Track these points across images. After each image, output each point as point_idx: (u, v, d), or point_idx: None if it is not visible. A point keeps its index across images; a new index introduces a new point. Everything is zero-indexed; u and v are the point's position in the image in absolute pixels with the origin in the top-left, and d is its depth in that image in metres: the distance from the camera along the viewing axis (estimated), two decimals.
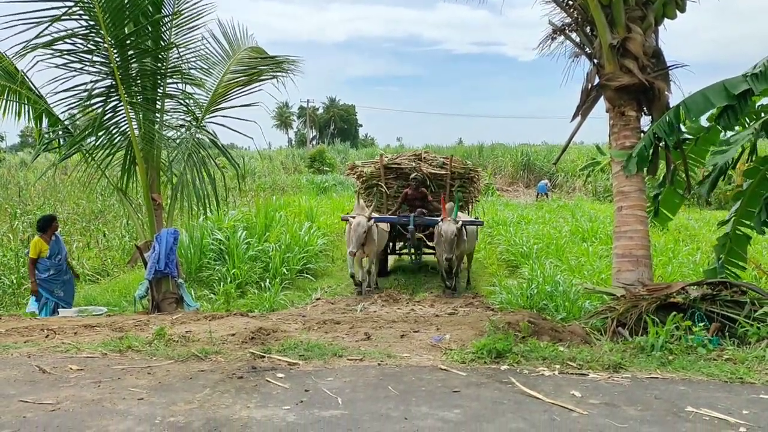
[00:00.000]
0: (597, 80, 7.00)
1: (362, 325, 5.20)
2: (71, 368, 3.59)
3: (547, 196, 27.76)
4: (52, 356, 3.91)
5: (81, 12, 7.53)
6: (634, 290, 5.66)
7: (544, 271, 10.40)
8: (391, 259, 12.94)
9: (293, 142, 67.66)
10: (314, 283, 11.68)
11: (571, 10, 7.31)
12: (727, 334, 4.79)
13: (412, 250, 11.36)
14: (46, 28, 7.20)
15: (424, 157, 11.92)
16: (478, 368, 3.67)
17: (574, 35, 7.38)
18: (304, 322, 5.43)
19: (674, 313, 4.78)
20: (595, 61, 7.02)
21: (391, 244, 11.92)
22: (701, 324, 4.56)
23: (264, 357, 3.84)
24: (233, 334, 4.66)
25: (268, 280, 10.91)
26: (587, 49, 7.18)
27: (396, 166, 11.62)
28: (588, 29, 7.20)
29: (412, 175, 11.13)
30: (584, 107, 7.16)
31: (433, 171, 11.45)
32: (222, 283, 10.96)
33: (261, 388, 3.22)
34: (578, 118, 7.27)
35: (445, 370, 3.62)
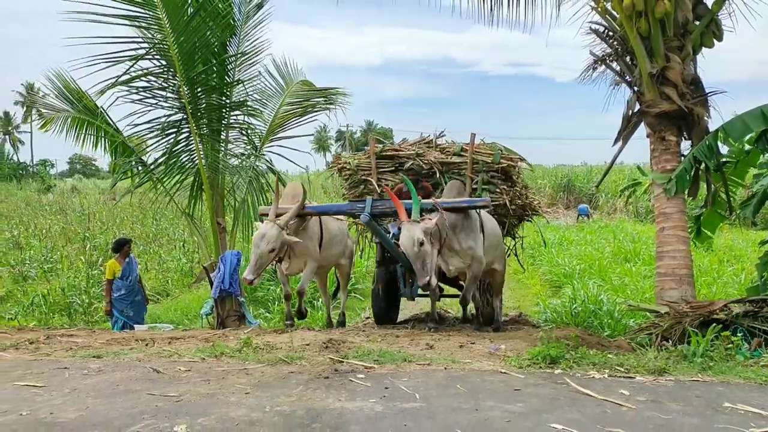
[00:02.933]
0: (637, 107, 7.42)
1: (422, 337, 5.67)
2: (180, 369, 4.15)
3: (588, 218, 27.84)
4: (158, 360, 4.49)
5: (157, 53, 8.32)
6: (677, 307, 5.98)
7: (587, 290, 10.70)
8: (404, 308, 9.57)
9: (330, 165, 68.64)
10: (363, 303, 12.19)
11: (612, 41, 7.76)
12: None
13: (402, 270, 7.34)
14: (130, 67, 8.01)
15: (436, 143, 8.29)
16: (534, 372, 4.11)
17: (614, 65, 7.82)
18: (367, 335, 5.92)
19: (714, 324, 5.11)
20: (636, 88, 7.44)
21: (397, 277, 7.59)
22: (740, 335, 4.89)
23: (343, 362, 4.34)
24: (308, 344, 5.18)
25: (320, 300, 11.46)
26: (628, 77, 7.61)
27: (393, 153, 8.05)
28: (628, 59, 7.64)
29: (407, 164, 7.81)
30: (625, 132, 7.58)
31: (445, 159, 7.89)
32: (277, 303, 11.57)
33: (347, 386, 3.71)
34: (619, 143, 7.68)
35: (504, 373, 4.07)
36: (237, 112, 9.17)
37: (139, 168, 9.06)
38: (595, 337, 5.92)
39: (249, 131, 9.46)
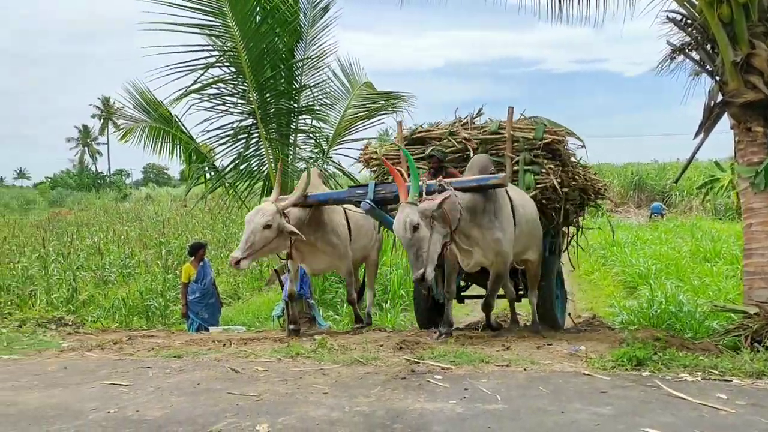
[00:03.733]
0: (720, 97, 7.04)
1: (496, 339, 5.54)
2: (258, 369, 4.19)
3: (662, 216, 26.79)
4: (236, 360, 4.55)
5: (228, 61, 8.52)
6: None
7: (665, 291, 10.25)
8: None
9: None
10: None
11: (691, 29, 7.39)
12: None
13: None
14: (201, 75, 8.24)
15: (473, 122, 7.29)
16: (620, 374, 3.93)
17: (694, 54, 7.45)
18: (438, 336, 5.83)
19: None
20: (718, 78, 7.05)
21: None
22: None
23: (419, 362, 4.28)
24: (381, 345, 5.15)
25: (388, 302, 11.46)
26: (708, 66, 7.23)
27: (424, 136, 7.18)
28: (709, 47, 7.26)
29: (429, 150, 6.65)
30: (707, 124, 7.19)
31: (479, 137, 6.92)
32: (346, 305, 11.63)
33: (425, 387, 3.65)
34: (701, 136, 7.31)
35: (589, 375, 3.91)
36: (304, 116, 9.29)
37: (212, 174, 9.31)
38: (678, 339, 5.63)
39: (316, 134, 9.58)
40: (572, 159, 7.20)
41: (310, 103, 9.22)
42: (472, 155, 6.65)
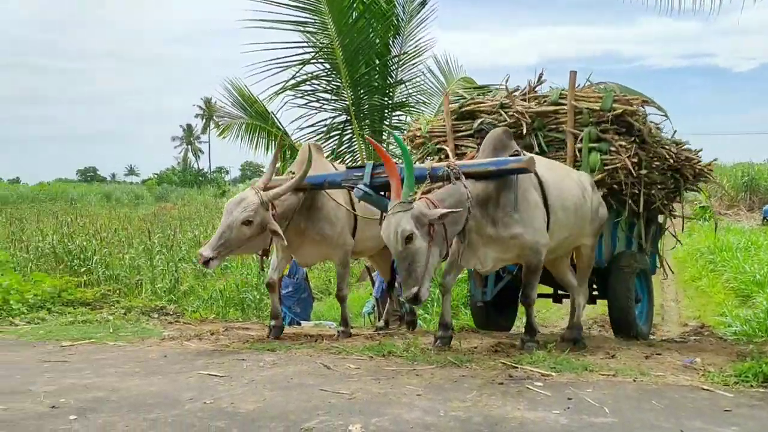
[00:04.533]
0: None
1: (599, 346, 5.22)
2: (350, 367, 4.12)
3: None
4: (328, 356, 4.51)
5: (323, 57, 8.58)
6: None
7: None
8: None
9: None
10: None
11: None
12: None
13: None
14: (297, 72, 8.34)
15: (533, 91, 6.33)
16: (745, 391, 3.55)
17: None
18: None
19: None
20: None
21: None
22: None
23: (516, 368, 4.06)
24: (475, 347, 4.97)
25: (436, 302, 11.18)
26: None
27: (474, 109, 6.20)
28: None
29: (477, 123, 5.90)
30: None
31: (534, 109, 5.95)
32: (435, 304, 11.46)
33: (524, 394, 3.44)
34: None
35: (708, 390, 3.56)
36: (398, 112, 9.23)
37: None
38: None
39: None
40: (654, 133, 6.03)
41: (404, 99, 9.14)
42: (526, 131, 5.85)
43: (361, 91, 8.81)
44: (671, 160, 6.15)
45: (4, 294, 6.50)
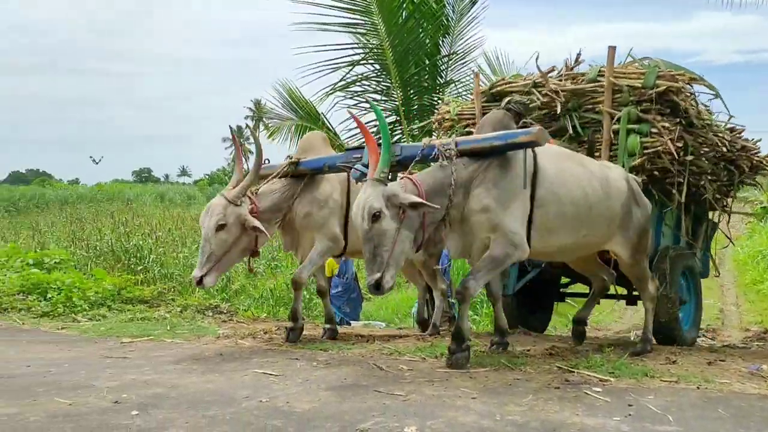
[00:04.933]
0: None
1: (661, 350, 5.07)
2: (402, 368, 4.11)
3: None
4: (380, 357, 4.51)
5: (372, 58, 8.61)
6: None
7: None
8: None
9: None
10: (575, 310, 11.48)
11: None
12: None
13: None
14: (347, 73, 8.40)
15: (570, 69, 5.96)
16: None
17: None
18: (592, 343, 5.45)
19: None
20: None
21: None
22: None
23: (573, 372, 3.98)
24: (528, 350, 4.89)
25: (485, 305, 11.01)
26: None
27: (506, 89, 5.83)
28: None
29: (506, 101, 5.04)
30: None
31: (568, 88, 5.56)
32: (485, 305, 11.35)
33: (582, 399, 3.36)
34: None
35: None
36: None
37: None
38: None
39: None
40: (703, 116, 5.54)
41: (454, 99, 9.08)
42: (559, 112, 5.43)
43: (411, 92, 8.82)
44: (724, 149, 5.65)
45: (67, 291, 6.74)
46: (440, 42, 8.81)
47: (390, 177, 4.02)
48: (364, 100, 9.02)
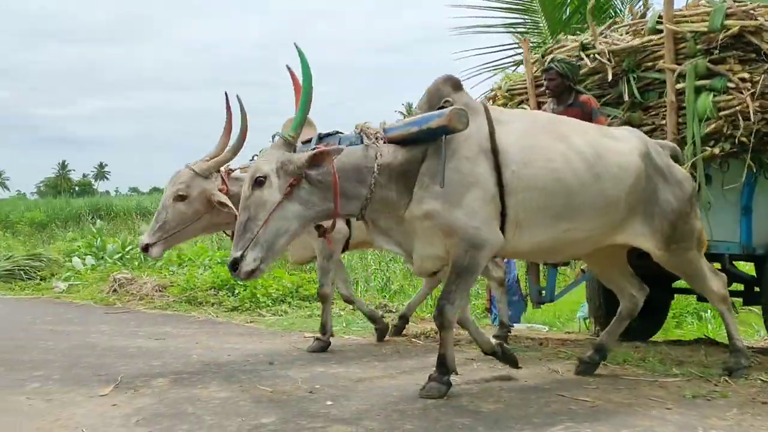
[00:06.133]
0: None
1: None
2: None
3: None
4: (557, 361, 4.44)
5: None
6: None
7: None
8: None
9: None
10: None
11: None
12: None
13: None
14: (514, 71, 8.29)
15: (634, 23, 5.04)
16: None
17: None
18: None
19: None
20: None
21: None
22: None
23: None
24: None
25: (709, 311, 10.20)
26: None
27: (558, 53, 5.09)
28: None
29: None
30: None
31: (619, 46, 4.77)
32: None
33: None
34: None
35: None
36: None
37: None
38: None
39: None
40: None
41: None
42: (611, 76, 4.68)
43: None
44: None
45: (252, 288, 7.33)
46: None
47: None
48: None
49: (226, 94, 4.29)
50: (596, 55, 4.86)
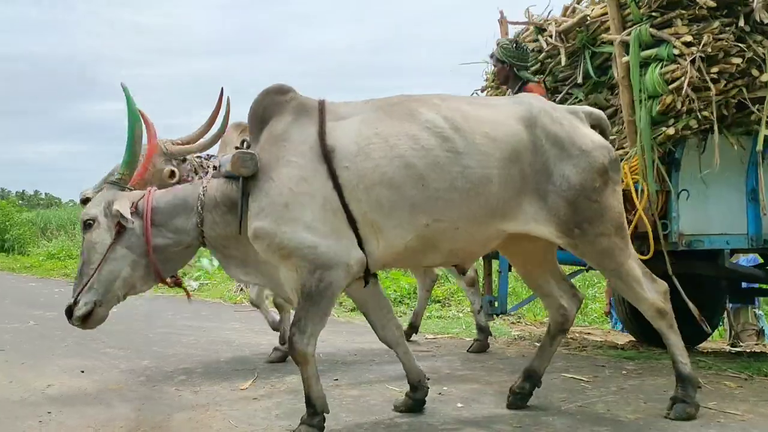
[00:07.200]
0: None
1: None
2: (727, 384, 3.81)
3: None
4: (696, 371, 4.19)
5: None
6: None
7: None
8: None
9: None
10: None
11: None
12: None
13: None
14: None
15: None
16: None
17: None
18: None
19: None
20: None
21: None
22: None
23: None
24: None
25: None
26: None
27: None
28: None
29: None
30: None
31: (567, 23, 4.44)
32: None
33: None
34: None
35: None
36: None
37: None
38: None
39: None
40: None
41: None
42: (564, 58, 4.31)
43: None
44: None
45: None
46: None
47: None
48: None
49: (222, 89, 3.82)
50: (547, 38, 4.51)
